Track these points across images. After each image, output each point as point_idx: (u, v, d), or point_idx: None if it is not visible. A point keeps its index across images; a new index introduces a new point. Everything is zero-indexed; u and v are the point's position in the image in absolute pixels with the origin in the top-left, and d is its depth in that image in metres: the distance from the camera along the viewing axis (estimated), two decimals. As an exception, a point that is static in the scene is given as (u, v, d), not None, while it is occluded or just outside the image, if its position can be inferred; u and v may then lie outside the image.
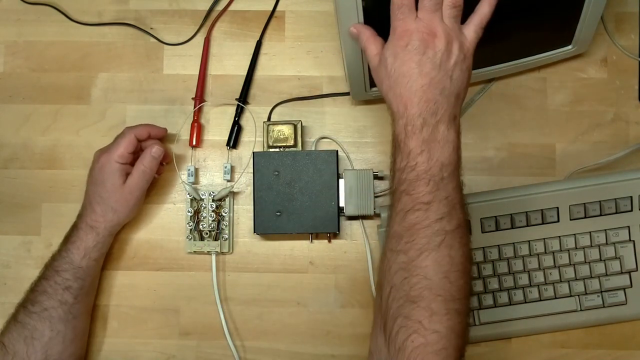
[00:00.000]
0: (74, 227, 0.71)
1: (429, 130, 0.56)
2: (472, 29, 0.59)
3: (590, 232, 0.73)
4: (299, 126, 0.76)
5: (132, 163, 0.72)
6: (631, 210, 0.73)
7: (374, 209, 0.74)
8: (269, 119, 0.79)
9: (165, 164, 0.77)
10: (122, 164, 0.71)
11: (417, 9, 0.58)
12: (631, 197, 0.72)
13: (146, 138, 0.73)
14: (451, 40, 0.57)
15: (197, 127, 0.78)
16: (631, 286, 0.73)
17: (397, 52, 0.58)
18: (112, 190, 0.70)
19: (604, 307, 0.73)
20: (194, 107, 0.78)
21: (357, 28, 0.62)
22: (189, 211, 0.76)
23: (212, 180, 0.78)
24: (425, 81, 0.57)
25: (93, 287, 0.74)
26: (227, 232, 0.76)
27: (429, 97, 0.57)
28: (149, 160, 0.72)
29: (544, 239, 0.73)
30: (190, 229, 0.76)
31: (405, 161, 0.57)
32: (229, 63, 0.80)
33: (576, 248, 0.73)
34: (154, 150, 0.72)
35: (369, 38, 0.61)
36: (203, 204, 0.76)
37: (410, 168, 0.57)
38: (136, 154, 0.73)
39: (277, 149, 0.75)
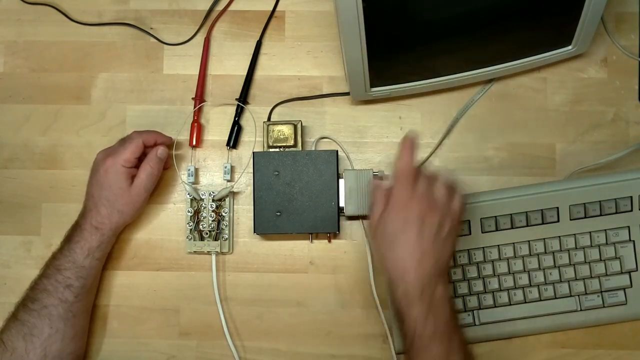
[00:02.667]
0: (77, 228, 0.71)
1: (428, 297, 0.61)
2: (458, 200, 0.65)
3: (590, 232, 0.73)
4: (299, 126, 0.76)
5: (136, 166, 0.72)
6: (631, 210, 0.72)
7: (374, 209, 0.74)
8: (269, 119, 0.79)
9: (164, 169, 0.77)
10: (127, 168, 0.71)
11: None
12: (631, 197, 0.72)
13: (152, 145, 0.73)
14: (445, 213, 0.63)
15: (197, 127, 0.78)
16: (631, 286, 0.73)
17: (397, 223, 0.63)
18: (119, 193, 0.70)
19: (604, 307, 0.73)
20: (194, 107, 0.78)
21: (375, 183, 0.68)
22: (189, 211, 0.76)
23: (212, 180, 0.78)
24: (422, 252, 0.62)
25: (94, 286, 0.74)
26: (227, 232, 0.76)
27: (425, 268, 0.62)
28: (156, 162, 0.72)
29: (544, 239, 0.73)
30: (190, 229, 0.76)
31: (413, 327, 0.61)
32: (229, 63, 0.80)
33: (576, 248, 0.73)
34: (159, 152, 0.73)
35: (381, 196, 0.65)
36: (203, 204, 0.76)
37: (419, 333, 0.61)
38: (140, 158, 0.73)
39: (277, 149, 0.75)
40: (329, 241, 0.77)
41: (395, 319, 0.65)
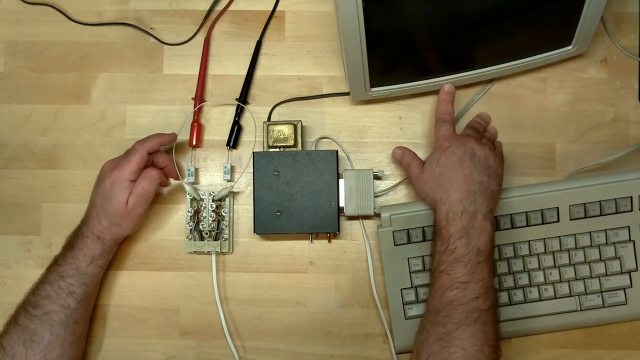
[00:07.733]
0: (80, 235, 0.71)
1: (468, 218, 0.64)
2: (498, 145, 0.72)
3: (590, 232, 0.73)
4: (299, 126, 0.76)
5: None
6: (631, 210, 0.73)
7: (374, 209, 0.74)
8: (269, 119, 0.79)
9: (164, 186, 0.77)
10: (133, 181, 0.70)
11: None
12: (631, 197, 0.72)
13: (157, 149, 0.73)
14: (491, 149, 0.68)
15: (197, 127, 0.78)
16: (631, 286, 0.73)
17: (441, 154, 0.68)
18: (117, 207, 0.70)
19: (604, 307, 0.73)
20: (194, 107, 0.78)
21: (401, 149, 0.74)
22: (189, 211, 0.76)
23: (212, 180, 0.78)
24: (466, 173, 0.66)
25: (95, 292, 0.74)
26: (227, 232, 0.76)
27: (469, 187, 0.65)
28: (146, 184, 0.71)
29: (544, 239, 0.73)
30: (190, 229, 0.76)
31: (445, 245, 0.64)
32: (229, 63, 0.80)
33: (576, 248, 0.73)
34: (149, 175, 0.71)
35: (412, 157, 0.72)
36: (203, 204, 0.76)
37: (450, 251, 0.64)
38: (148, 165, 0.72)
39: (277, 149, 0.75)
40: (329, 241, 0.77)
41: (431, 247, 0.68)
